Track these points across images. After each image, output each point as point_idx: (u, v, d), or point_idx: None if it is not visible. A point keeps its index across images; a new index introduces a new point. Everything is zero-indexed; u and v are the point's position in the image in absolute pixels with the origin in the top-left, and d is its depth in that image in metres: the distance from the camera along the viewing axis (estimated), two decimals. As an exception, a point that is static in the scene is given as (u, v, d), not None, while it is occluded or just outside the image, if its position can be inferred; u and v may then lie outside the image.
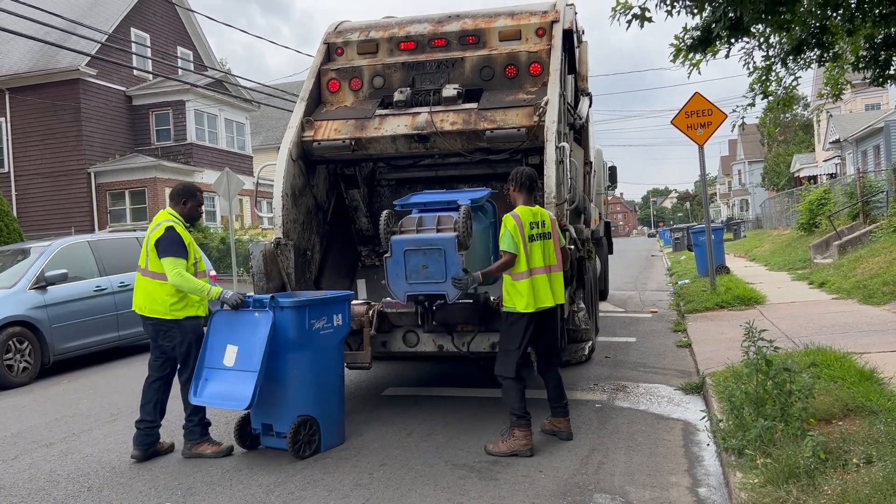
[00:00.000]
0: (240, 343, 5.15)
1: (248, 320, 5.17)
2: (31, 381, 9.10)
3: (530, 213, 5.25)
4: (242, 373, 5.05)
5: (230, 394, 5.07)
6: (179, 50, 29.50)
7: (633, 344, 9.34)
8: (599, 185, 12.79)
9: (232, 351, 5.16)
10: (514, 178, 5.39)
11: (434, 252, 5.21)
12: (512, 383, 5.20)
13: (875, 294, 10.58)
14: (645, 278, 20.22)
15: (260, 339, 5.01)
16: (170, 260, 5.20)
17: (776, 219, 37.09)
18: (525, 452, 5.05)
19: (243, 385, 5.00)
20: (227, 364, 5.15)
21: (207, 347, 5.27)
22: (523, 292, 5.11)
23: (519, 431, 5.10)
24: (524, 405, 5.20)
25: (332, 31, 7.57)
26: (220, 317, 5.32)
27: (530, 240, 5.16)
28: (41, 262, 9.73)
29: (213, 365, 5.22)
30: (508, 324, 5.24)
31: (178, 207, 5.55)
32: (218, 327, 5.30)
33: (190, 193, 5.61)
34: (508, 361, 5.20)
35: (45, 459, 5.64)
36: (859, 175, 20.81)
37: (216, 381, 5.19)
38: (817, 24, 6.25)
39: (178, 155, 26.75)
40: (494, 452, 5.09)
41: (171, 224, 5.33)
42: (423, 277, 5.28)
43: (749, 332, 5.00)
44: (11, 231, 17.28)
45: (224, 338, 5.23)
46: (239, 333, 5.19)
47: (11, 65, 25.12)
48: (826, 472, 3.83)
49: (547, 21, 6.95)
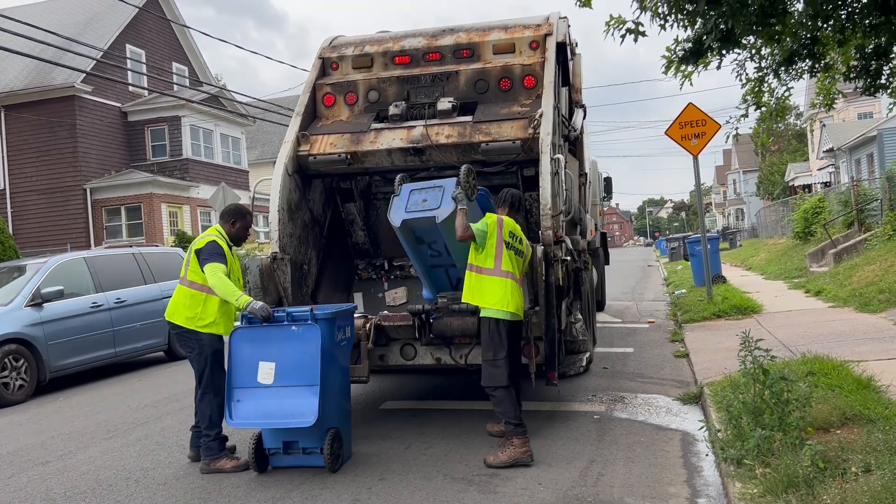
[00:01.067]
0: (277, 359, 5.02)
1: (284, 335, 5.06)
2: (27, 399, 9.06)
3: (514, 225, 5.46)
4: (291, 388, 4.95)
5: (283, 411, 4.94)
6: (174, 66, 29.57)
7: (631, 354, 9.34)
8: (595, 196, 12.81)
9: (267, 367, 5.01)
10: (500, 197, 5.72)
11: (435, 189, 5.78)
12: (504, 393, 5.23)
13: (871, 302, 10.60)
14: (642, 288, 20.24)
15: (313, 353, 4.94)
16: (210, 265, 5.29)
17: (771, 228, 37.19)
18: (526, 459, 5.06)
19: (298, 400, 4.91)
20: (264, 382, 5.00)
21: (233, 367, 5.11)
22: (502, 292, 5.22)
23: (517, 440, 5.12)
24: (518, 412, 5.23)
25: (327, 46, 7.61)
26: (243, 333, 5.17)
27: (506, 245, 5.31)
28: (37, 279, 9.71)
29: (244, 384, 5.06)
30: (491, 332, 5.28)
31: (227, 227, 5.66)
32: (241, 345, 5.14)
33: (240, 214, 5.73)
34: (498, 371, 5.22)
35: (42, 478, 5.60)
36: (853, 183, 20.88)
37: (254, 400, 5.03)
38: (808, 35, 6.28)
39: (174, 170, 26.77)
40: (495, 464, 5.08)
41: (215, 239, 5.47)
42: (419, 207, 5.75)
43: (745, 342, 5.01)
44: (7, 248, 17.24)
45: (251, 355, 5.08)
46: (272, 348, 5.05)
47: (7, 82, 25.16)
48: (825, 482, 3.83)
49: (540, 34, 7.00)
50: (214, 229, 5.64)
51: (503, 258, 5.26)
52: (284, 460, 5.26)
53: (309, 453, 5.16)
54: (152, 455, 6.00)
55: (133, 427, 7.07)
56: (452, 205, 5.48)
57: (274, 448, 5.23)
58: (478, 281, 5.30)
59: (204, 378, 5.46)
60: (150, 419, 7.36)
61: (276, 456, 5.26)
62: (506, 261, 5.28)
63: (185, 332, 5.47)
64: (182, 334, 5.50)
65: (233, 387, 5.10)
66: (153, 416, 7.51)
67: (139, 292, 11.00)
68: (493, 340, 5.27)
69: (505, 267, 5.27)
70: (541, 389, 6.33)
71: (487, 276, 5.26)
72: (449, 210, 5.56)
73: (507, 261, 5.29)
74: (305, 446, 5.15)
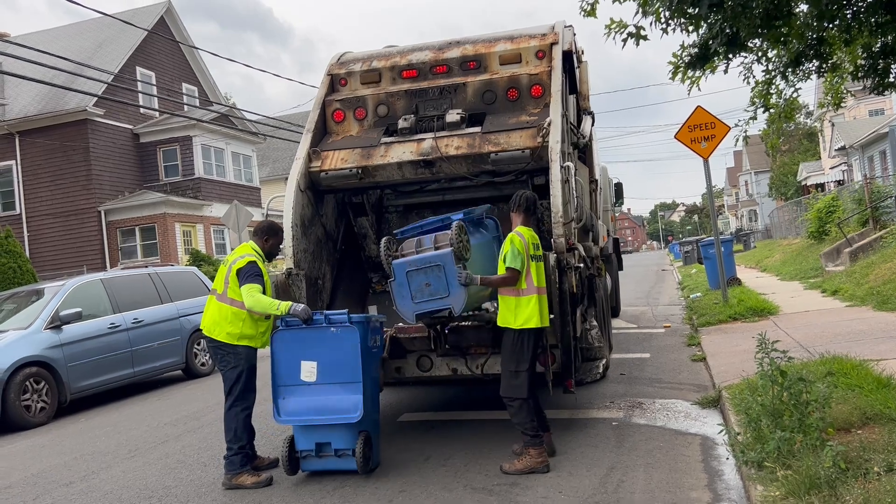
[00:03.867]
0: (318, 358, 5.23)
1: (324, 336, 5.26)
2: (48, 421, 9.15)
3: (531, 234, 5.41)
4: (335, 385, 5.18)
5: (328, 407, 5.16)
6: (184, 86, 29.90)
7: (648, 360, 9.31)
8: (606, 202, 12.82)
9: (310, 366, 5.24)
10: (514, 201, 5.59)
11: (434, 269, 5.32)
12: (524, 403, 5.23)
13: (889, 300, 10.51)
14: (656, 293, 20.16)
15: (353, 353, 5.16)
16: (248, 286, 5.42)
17: (785, 228, 36.95)
18: (542, 469, 5.08)
19: (342, 396, 5.14)
20: (307, 379, 5.23)
21: (277, 366, 5.32)
22: (532, 308, 5.20)
23: (534, 450, 5.13)
24: (535, 423, 5.23)
25: (335, 63, 7.68)
26: (284, 334, 5.36)
27: (533, 259, 5.29)
28: (55, 302, 9.82)
29: (288, 383, 5.30)
30: (515, 344, 5.26)
31: (260, 243, 5.80)
32: (283, 346, 5.35)
33: (273, 232, 5.88)
34: (518, 383, 5.22)
35: (66, 499, 5.66)
36: (867, 181, 20.74)
37: (299, 398, 5.25)
38: (814, 35, 6.29)
39: (187, 190, 27.01)
40: (511, 472, 5.10)
41: (254, 259, 5.59)
42: (427, 295, 5.36)
43: (762, 344, 4.99)
44: (25, 272, 17.47)
45: (294, 355, 5.31)
46: (313, 349, 5.26)
47: (21, 108, 25.53)
48: (847, 482, 3.81)
49: (546, 43, 7.03)
50: (249, 247, 5.74)
51: (532, 274, 5.25)
52: (315, 463, 5.38)
53: (341, 455, 5.26)
54: (174, 473, 6.05)
55: (154, 446, 7.13)
56: (462, 291, 5.26)
57: (306, 450, 5.35)
58: (516, 303, 5.25)
59: (235, 391, 5.54)
60: (170, 438, 7.41)
61: (308, 459, 5.38)
62: (535, 275, 5.26)
63: (223, 346, 5.56)
64: (220, 348, 5.59)
65: (278, 385, 5.30)
66: (173, 434, 7.57)
67: (156, 312, 11.10)
68: (515, 351, 5.26)
69: (537, 283, 5.26)
70: (558, 397, 6.32)
71: (525, 296, 5.23)
72: (461, 299, 5.29)
73: (535, 275, 5.27)
74: (338, 447, 5.27)
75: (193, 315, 11.45)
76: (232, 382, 5.55)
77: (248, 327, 5.53)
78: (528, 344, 5.23)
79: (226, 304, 5.57)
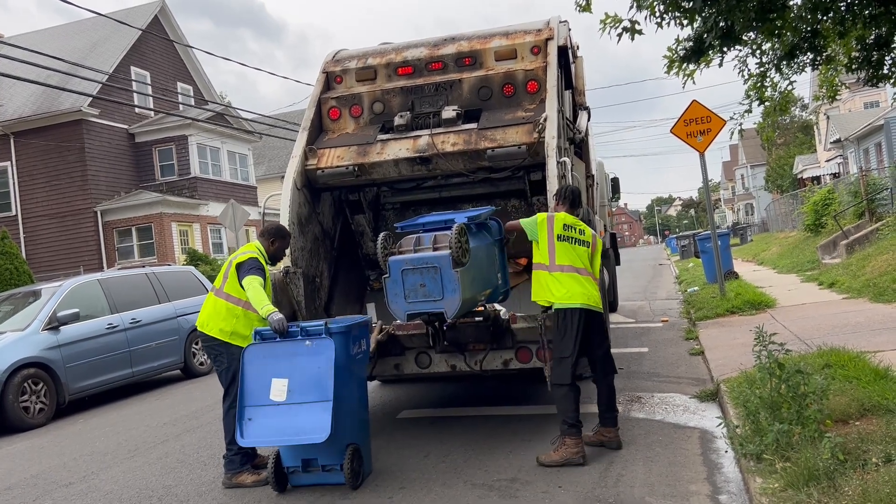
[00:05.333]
0: (291, 374, 4.91)
1: (297, 350, 4.95)
2: (47, 422, 9.14)
3: (567, 218, 5.39)
4: (304, 405, 4.83)
5: (296, 428, 4.81)
6: (179, 85, 29.84)
7: (646, 354, 9.33)
8: (603, 198, 12.84)
9: (280, 384, 4.91)
10: (558, 193, 5.62)
11: (430, 270, 5.14)
12: (568, 391, 5.20)
13: (886, 292, 10.54)
14: (654, 287, 20.19)
15: (326, 368, 4.84)
16: (249, 277, 5.33)
17: (782, 221, 37.03)
18: (577, 460, 5.06)
19: (311, 416, 4.77)
20: (276, 399, 4.89)
21: (245, 385, 4.98)
22: (554, 284, 5.23)
23: (570, 440, 5.11)
24: (577, 414, 5.20)
25: (331, 60, 7.68)
26: (255, 350, 5.06)
27: (558, 238, 5.27)
28: (53, 303, 9.81)
29: (256, 403, 4.93)
30: (559, 327, 5.25)
31: (266, 244, 5.73)
32: (254, 362, 5.01)
33: (280, 235, 5.81)
34: (563, 369, 5.21)
35: (66, 499, 5.66)
36: (862, 173, 20.79)
37: (266, 418, 4.90)
38: (808, 28, 6.30)
39: (183, 189, 26.97)
40: (547, 463, 5.10)
41: (256, 256, 5.53)
42: (421, 296, 5.19)
43: (759, 337, 5.00)
44: (21, 273, 17.44)
45: (264, 372, 4.98)
46: (285, 364, 4.95)
47: (15, 109, 25.46)
48: (846, 473, 3.82)
49: (541, 39, 7.04)
50: (254, 246, 5.68)
51: (556, 252, 5.24)
52: (304, 478, 5.18)
53: (328, 470, 5.08)
54: (174, 473, 6.05)
55: (154, 446, 7.13)
56: (457, 296, 5.10)
57: (293, 466, 5.14)
58: (544, 278, 5.31)
59: (231, 392, 5.48)
60: (169, 437, 7.41)
61: (296, 474, 5.18)
62: (561, 254, 5.24)
63: (217, 345, 5.50)
64: (214, 346, 5.53)
65: (244, 405, 4.95)
66: (172, 434, 7.57)
67: (153, 312, 11.09)
68: (558, 334, 5.26)
69: (560, 261, 5.24)
70: (557, 392, 6.34)
71: (546, 273, 5.28)
72: (455, 303, 5.12)
73: (564, 254, 5.25)
74: (325, 463, 5.08)
75: (191, 315, 11.42)
76: (228, 383, 5.51)
77: (242, 326, 5.43)
78: (571, 325, 5.20)
79: (221, 298, 5.54)
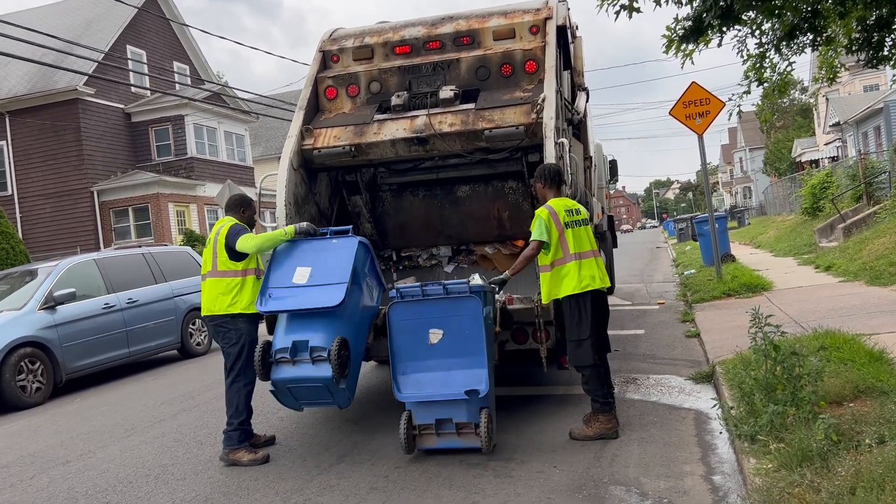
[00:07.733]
0: (314, 265, 5.31)
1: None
2: (44, 401, 9.17)
3: (564, 203, 5.36)
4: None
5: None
6: (176, 65, 29.60)
7: (642, 336, 9.35)
8: (600, 180, 12.81)
9: (303, 271, 5.29)
10: (541, 175, 5.49)
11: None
12: (593, 371, 5.22)
13: (882, 275, 10.56)
14: (651, 270, 20.21)
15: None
16: (243, 237, 5.49)
17: (780, 205, 37.04)
18: (612, 435, 5.15)
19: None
20: (298, 282, 5.25)
21: (271, 270, 5.41)
22: (573, 274, 5.17)
23: (603, 416, 5.18)
24: (607, 390, 5.25)
25: (327, 39, 7.61)
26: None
27: (566, 226, 5.24)
28: (49, 283, 9.80)
29: (279, 284, 5.29)
30: (573, 312, 5.22)
31: (238, 215, 5.81)
32: (280, 255, 5.50)
33: (246, 203, 5.96)
34: (582, 350, 5.21)
35: (63, 477, 5.68)
36: (861, 157, 20.76)
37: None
38: (809, 8, 6.25)
39: (180, 169, 26.85)
40: (580, 437, 5.17)
41: (236, 223, 5.66)
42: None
43: (755, 319, 5.01)
44: (18, 253, 17.39)
45: (290, 262, 5.40)
46: (308, 257, 5.39)
47: (10, 88, 25.26)
48: (839, 454, 3.84)
49: (540, 18, 6.97)
50: (227, 219, 5.76)
51: (569, 241, 5.21)
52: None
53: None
54: (170, 451, 6.07)
55: (150, 425, 7.15)
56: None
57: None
58: (552, 275, 5.24)
59: (237, 367, 5.54)
60: (166, 417, 7.43)
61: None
62: (572, 242, 5.21)
63: (226, 321, 5.54)
64: (222, 324, 5.57)
65: (268, 286, 5.29)
66: (169, 413, 7.59)
67: (150, 292, 11.09)
68: (572, 319, 5.24)
69: (574, 249, 5.21)
70: (553, 373, 6.37)
71: (562, 265, 5.22)
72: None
73: (574, 241, 5.22)
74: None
75: (188, 295, 11.44)
76: (234, 358, 5.55)
77: (244, 295, 5.51)
78: (585, 309, 5.18)
79: (217, 277, 5.57)
